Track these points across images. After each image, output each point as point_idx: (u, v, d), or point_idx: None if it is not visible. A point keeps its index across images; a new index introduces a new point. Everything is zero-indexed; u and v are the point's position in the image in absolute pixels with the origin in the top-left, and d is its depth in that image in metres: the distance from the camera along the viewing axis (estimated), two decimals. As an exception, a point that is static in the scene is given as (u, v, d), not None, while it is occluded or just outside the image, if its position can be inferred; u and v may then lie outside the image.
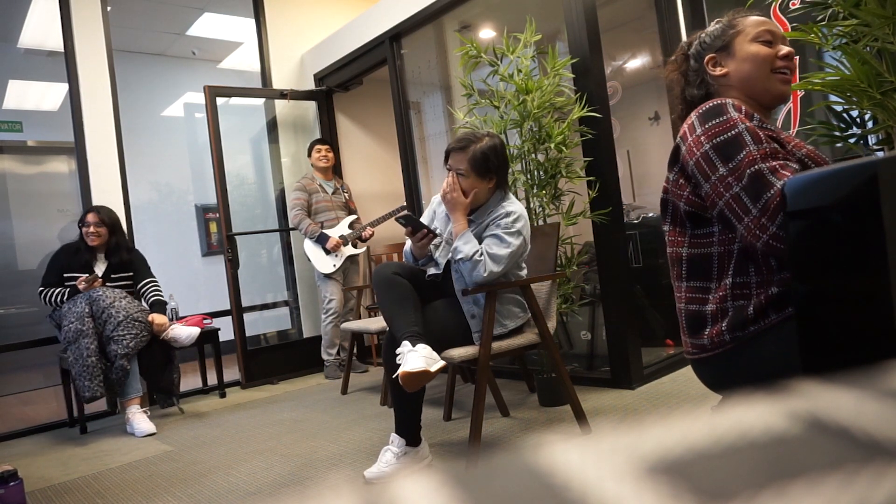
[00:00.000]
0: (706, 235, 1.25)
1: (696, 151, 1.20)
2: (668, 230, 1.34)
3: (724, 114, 1.19)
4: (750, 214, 1.12)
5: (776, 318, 1.15)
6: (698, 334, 1.25)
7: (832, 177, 0.59)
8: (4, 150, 5.32)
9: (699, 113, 1.23)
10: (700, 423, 0.19)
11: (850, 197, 0.55)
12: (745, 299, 1.18)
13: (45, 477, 2.67)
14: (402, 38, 4.10)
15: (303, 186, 4.19)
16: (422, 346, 1.98)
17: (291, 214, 4.15)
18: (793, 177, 0.71)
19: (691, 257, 1.28)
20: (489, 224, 2.22)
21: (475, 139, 2.22)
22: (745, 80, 1.31)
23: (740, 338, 1.18)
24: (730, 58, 1.33)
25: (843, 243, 0.56)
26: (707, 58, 1.35)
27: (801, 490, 0.15)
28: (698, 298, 1.26)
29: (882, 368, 0.22)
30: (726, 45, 1.34)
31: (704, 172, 1.19)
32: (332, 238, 4.05)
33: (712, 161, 1.18)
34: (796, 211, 0.60)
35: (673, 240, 1.32)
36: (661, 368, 3.09)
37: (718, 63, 1.35)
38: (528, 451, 0.18)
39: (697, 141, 1.21)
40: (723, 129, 1.18)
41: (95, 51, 3.93)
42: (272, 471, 2.38)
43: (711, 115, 1.21)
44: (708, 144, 1.18)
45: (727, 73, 1.33)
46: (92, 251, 3.50)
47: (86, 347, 3.14)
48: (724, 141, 1.17)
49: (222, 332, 4.06)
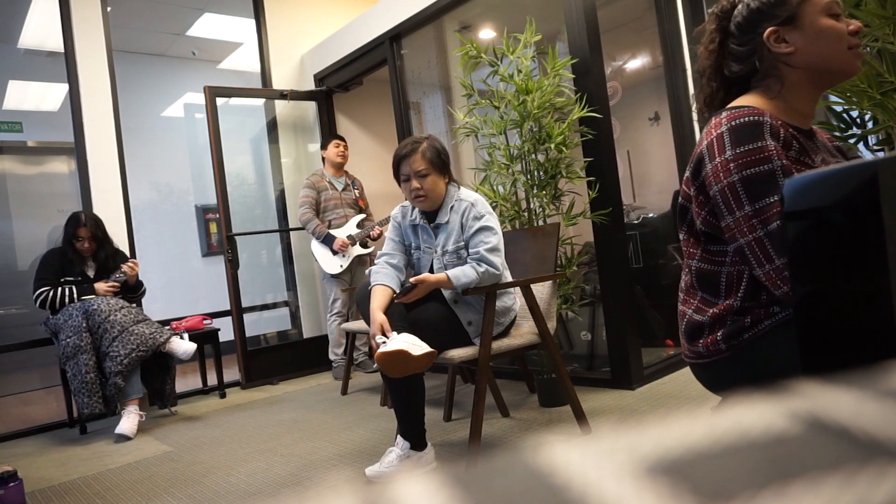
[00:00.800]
0: (719, 254, 1.20)
1: (723, 178, 1.09)
2: (683, 237, 1.28)
3: (759, 139, 1.07)
4: (773, 263, 1.06)
5: (769, 324, 1.14)
6: (694, 341, 1.24)
7: (832, 177, 0.59)
8: (4, 150, 5.33)
9: (731, 126, 1.10)
10: (700, 423, 0.19)
11: (850, 197, 0.55)
12: (745, 315, 1.16)
13: (44, 477, 2.67)
14: (402, 39, 4.10)
15: (312, 184, 4.11)
16: (405, 335, 1.97)
17: (300, 212, 4.07)
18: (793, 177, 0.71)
19: (700, 271, 1.23)
20: (460, 222, 2.24)
21: (419, 141, 2.25)
22: (817, 61, 1.15)
23: (735, 345, 1.17)
24: (797, 32, 1.14)
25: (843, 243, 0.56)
26: (769, 31, 1.15)
27: (801, 490, 0.15)
28: (704, 310, 1.23)
29: (882, 368, 0.22)
30: (792, 17, 1.14)
31: (729, 205, 1.10)
32: (339, 239, 3.99)
33: (739, 196, 1.08)
34: (796, 211, 0.60)
35: (687, 249, 1.27)
36: (661, 369, 3.09)
37: (782, 38, 1.15)
38: (528, 451, 0.18)
39: (726, 166, 1.09)
40: (756, 160, 1.06)
41: (95, 51, 3.93)
42: (272, 471, 2.38)
43: (745, 135, 1.08)
44: (737, 175, 1.07)
45: (795, 52, 1.15)
46: (82, 258, 3.51)
47: (84, 363, 3.14)
48: (754, 175, 1.06)
49: (222, 332, 4.06)
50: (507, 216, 3.01)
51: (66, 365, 3.22)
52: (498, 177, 3.04)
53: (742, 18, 1.19)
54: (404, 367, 1.91)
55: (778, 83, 1.18)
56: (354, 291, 3.92)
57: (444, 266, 2.25)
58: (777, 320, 1.14)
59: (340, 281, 4.06)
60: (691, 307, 1.26)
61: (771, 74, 1.18)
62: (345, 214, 4.14)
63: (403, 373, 1.94)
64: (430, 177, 2.21)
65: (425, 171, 2.20)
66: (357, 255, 4.08)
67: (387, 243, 2.40)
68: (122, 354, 3.18)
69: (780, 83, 1.18)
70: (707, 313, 1.21)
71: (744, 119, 1.09)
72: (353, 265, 4.10)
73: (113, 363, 3.17)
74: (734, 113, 1.11)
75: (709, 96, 1.27)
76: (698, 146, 1.18)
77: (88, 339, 3.19)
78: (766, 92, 1.20)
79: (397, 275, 2.29)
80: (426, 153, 2.21)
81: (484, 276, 2.12)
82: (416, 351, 1.91)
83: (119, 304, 3.33)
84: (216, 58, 6.08)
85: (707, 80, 1.27)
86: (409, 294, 2.12)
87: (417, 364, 1.92)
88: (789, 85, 1.18)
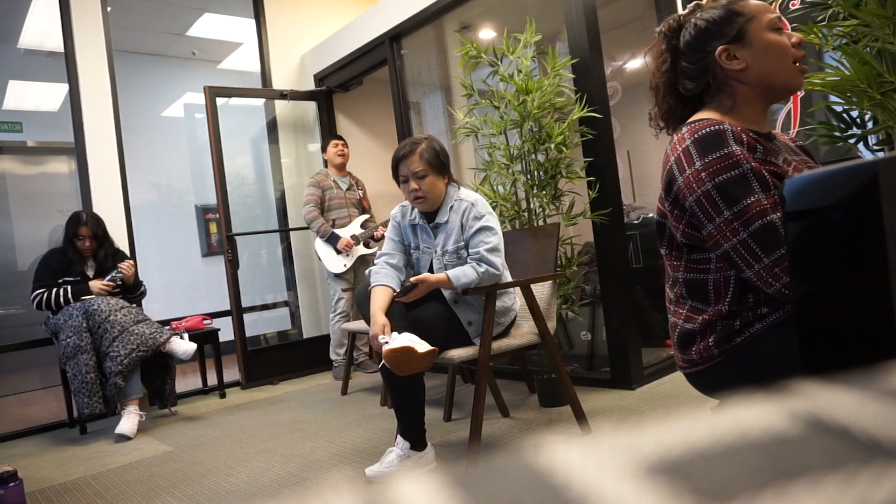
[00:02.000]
0: (703, 262, 1.21)
1: (697, 189, 1.11)
2: (665, 253, 1.30)
3: (725, 146, 1.09)
4: (761, 262, 1.07)
5: (760, 327, 1.14)
6: (687, 350, 1.24)
7: (832, 177, 0.59)
8: (4, 150, 5.33)
9: (695, 139, 1.12)
10: (700, 423, 0.19)
11: (850, 197, 0.55)
12: (735, 319, 1.17)
13: (44, 477, 2.67)
14: (402, 39, 4.10)
15: (316, 182, 4.11)
16: (406, 334, 1.97)
17: (304, 211, 4.06)
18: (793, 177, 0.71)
19: (688, 282, 1.24)
20: (460, 222, 2.23)
21: (417, 142, 2.24)
22: (766, 75, 1.19)
23: (728, 350, 1.17)
24: (745, 49, 1.19)
25: (843, 244, 0.56)
26: (720, 49, 1.19)
27: (801, 490, 0.15)
28: (694, 318, 1.23)
29: (882, 368, 0.22)
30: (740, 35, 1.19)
31: (707, 213, 1.11)
32: (343, 238, 3.98)
33: (716, 203, 1.09)
34: (795, 211, 0.60)
35: (671, 263, 1.28)
36: (661, 369, 3.09)
37: (733, 55, 1.20)
38: (528, 451, 0.18)
39: (697, 176, 1.11)
40: (725, 165, 1.09)
41: (95, 51, 3.93)
42: (272, 471, 2.38)
43: (710, 145, 1.10)
44: (710, 183, 1.10)
45: (746, 68, 1.19)
46: (83, 257, 3.50)
47: (84, 364, 3.14)
48: (727, 180, 1.08)
49: (222, 332, 4.06)
50: (507, 216, 3.01)
51: (66, 365, 3.22)
52: (498, 177, 3.04)
53: (691, 38, 1.23)
54: (410, 364, 1.91)
55: (730, 99, 1.23)
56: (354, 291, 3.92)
57: (443, 266, 2.25)
58: (768, 323, 1.14)
59: (344, 280, 4.06)
60: (681, 317, 1.26)
61: (723, 91, 1.23)
62: (349, 214, 4.14)
63: (409, 371, 1.94)
64: (428, 178, 2.21)
65: (423, 173, 2.20)
66: (361, 254, 4.08)
67: (386, 243, 2.40)
68: (123, 354, 3.18)
69: (732, 98, 1.22)
70: (697, 321, 1.22)
71: (706, 130, 1.12)
72: (356, 265, 4.10)
73: (113, 363, 3.17)
74: (695, 126, 1.14)
75: (666, 112, 1.31)
76: (665, 163, 1.20)
77: (88, 339, 3.19)
78: (719, 108, 1.24)
79: (397, 275, 2.29)
80: (424, 154, 2.20)
81: (484, 276, 2.12)
82: (421, 348, 1.92)
83: (119, 304, 3.33)
84: (216, 58, 6.07)
85: (662, 97, 1.30)
86: (409, 293, 2.12)
87: (422, 362, 1.92)
88: (740, 99, 1.22)
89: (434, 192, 2.23)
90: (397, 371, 1.93)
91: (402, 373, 1.94)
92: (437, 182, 2.24)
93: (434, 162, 2.22)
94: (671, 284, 1.31)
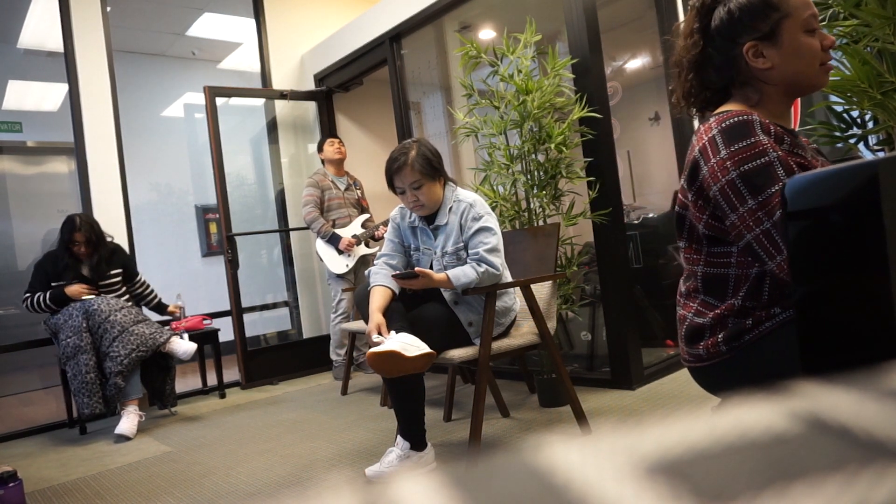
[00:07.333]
0: (724, 255, 1.19)
1: (721, 178, 1.10)
2: (683, 246, 1.27)
3: (751, 135, 1.08)
4: (783, 254, 1.05)
5: (770, 326, 1.14)
6: (695, 344, 1.23)
7: (832, 177, 0.59)
8: (4, 150, 5.33)
9: (722, 128, 1.11)
10: (700, 423, 0.19)
11: (850, 197, 0.55)
12: (747, 317, 1.16)
13: (44, 477, 2.67)
14: (402, 39, 4.10)
15: (315, 182, 4.08)
16: (404, 335, 1.96)
17: (304, 211, 4.04)
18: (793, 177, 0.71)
19: (707, 276, 1.22)
20: (459, 223, 2.23)
21: (406, 150, 2.23)
22: (792, 78, 1.16)
23: (736, 347, 1.17)
24: (774, 48, 1.15)
25: (843, 243, 0.56)
26: (747, 45, 1.16)
27: (801, 490, 0.15)
28: (705, 313, 1.22)
29: (882, 368, 0.21)
30: (772, 33, 1.14)
31: (731, 203, 1.09)
32: (345, 238, 3.97)
33: (740, 192, 1.08)
34: (796, 211, 0.60)
35: (689, 257, 1.26)
36: (661, 369, 3.09)
37: (760, 53, 1.16)
38: (528, 451, 0.18)
39: (722, 165, 1.09)
40: (751, 154, 1.07)
41: (95, 51, 3.93)
42: (272, 471, 2.38)
43: (737, 134, 1.09)
44: (735, 172, 1.08)
45: (772, 68, 1.15)
46: (78, 261, 3.49)
47: (84, 364, 3.14)
48: (752, 169, 1.07)
49: (222, 332, 4.06)
50: (507, 216, 3.01)
51: (66, 365, 3.22)
52: (498, 177, 3.04)
53: (722, 24, 1.19)
54: (397, 368, 1.90)
55: (756, 94, 1.22)
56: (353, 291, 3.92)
57: (443, 267, 2.25)
58: (777, 322, 1.14)
59: (345, 281, 4.06)
60: (691, 310, 1.25)
61: (748, 84, 1.21)
62: (348, 214, 4.13)
63: (397, 373, 1.92)
64: (423, 186, 2.20)
65: (418, 183, 2.19)
66: (362, 254, 4.08)
67: (386, 244, 2.40)
68: (122, 354, 3.18)
69: (758, 94, 1.21)
70: (708, 315, 1.21)
71: (733, 119, 1.10)
72: (357, 265, 4.09)
73: (113, 363, 3.17)
74: (722, 116, 1.13)
75: (687, 91, 1.27)
76: (690, 153, 1.19)
77: (88, 340, 3.19)
78: (746, 101, 1.23)
79: None
80: (416, 164, 2.18)
81: (484, 276, 2.12)
82: (412, 352, 1.90)
83: (119, 305, 3.33)
84: (216, 58, 6.08)
85: (685, 74, 1.26)
86: (409, 281, 2.11)
87: (412, 365, 1.90)
88: (765, 96, 1.21)
89: (432, 197, 2.23)
90: (382, 373, 1.94)
91: (388, 375, 1.94)
92: (434, 187, 2.23)
93: (427, 170, 2.20)
94: (685, 278, 1.30)
